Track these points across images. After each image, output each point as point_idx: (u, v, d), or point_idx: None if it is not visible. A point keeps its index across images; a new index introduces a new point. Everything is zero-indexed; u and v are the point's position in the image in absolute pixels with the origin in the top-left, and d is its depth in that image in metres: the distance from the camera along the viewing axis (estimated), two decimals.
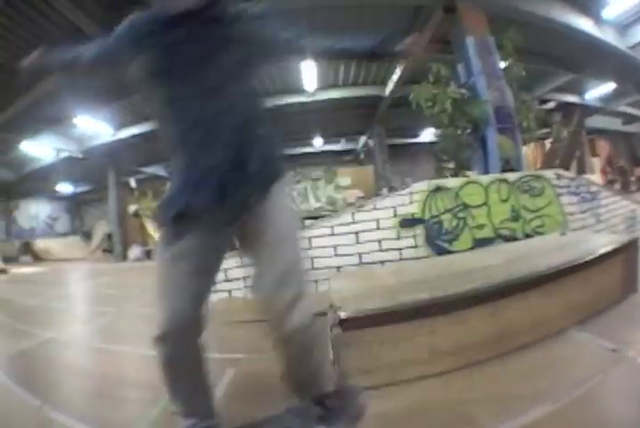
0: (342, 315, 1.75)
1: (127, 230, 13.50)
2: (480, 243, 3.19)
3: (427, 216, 3.10)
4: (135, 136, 9.57)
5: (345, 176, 15.12)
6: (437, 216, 3.11)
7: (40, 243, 16.08)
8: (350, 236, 3.18)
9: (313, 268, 3.18)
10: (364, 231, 3.17)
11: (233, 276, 3.28)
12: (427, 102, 4.09)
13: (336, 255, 3.20)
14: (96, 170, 12.59)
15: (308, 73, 6.77)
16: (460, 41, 4.47)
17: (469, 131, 4.19)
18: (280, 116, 9.36)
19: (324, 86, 7.95)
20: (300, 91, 7.96)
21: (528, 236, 3.29)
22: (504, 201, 3.31)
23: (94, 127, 8.75)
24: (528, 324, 1.91)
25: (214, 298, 3.24)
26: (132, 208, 15.20)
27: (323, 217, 3.76)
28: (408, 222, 3.10)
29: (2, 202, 16.48)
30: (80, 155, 10.67)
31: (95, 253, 15.24)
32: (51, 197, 18.36)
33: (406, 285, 2.14)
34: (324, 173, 15.01)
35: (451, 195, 3.18)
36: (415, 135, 13.74)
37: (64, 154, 10.54)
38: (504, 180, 3.40)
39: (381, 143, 11.97)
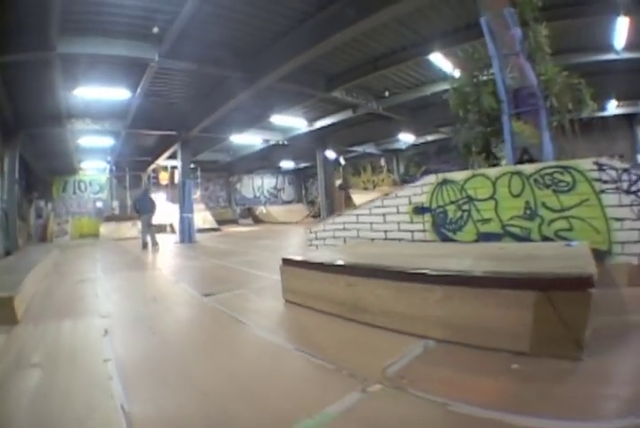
0: (286, 258, 3.03)
1: (332, 200, 16.52)
2: (486, 238, 3.24)
3: (434, 205, 3.60)
4: (329, 126, 12.00)
5: None
6: (442, 206, 3.53)
7: (262, 209, 20.58)
8: (380, 217, 4.07)
9: (358, 237, 4.31)
10: (389, 213, 3.99)
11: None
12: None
13: (371, 230, 4.17)
14: (309, 151, 16.04)
15: (620, 29, 6.20)
16: (480, 22, 3.80)
17: (484, 123, 3.79)
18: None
19: (633, 44, 6.88)
20: (607, 49, 7.13)
21: (546, 239, 2.96)
22: (516, 196, 3.09)
23: (291, 121, 11.46)
24: (378, 308, 2.22)
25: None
26: (338, 182, 18.42)
27: None
28: (419, 210, 3.71)
29: (223, 177, 22.24)
30: (285, 142, 14.04)
31: (308, 218, 19.30)
32: (275, 172, 23.64)
33: (357, 255, 3.08)
34: None
35: (456, 188, 3.41)
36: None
37: (272, 142, 14.10)
38: (518, 172, 3.09)
39: None
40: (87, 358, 1.98)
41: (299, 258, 3.01)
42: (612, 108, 10.91)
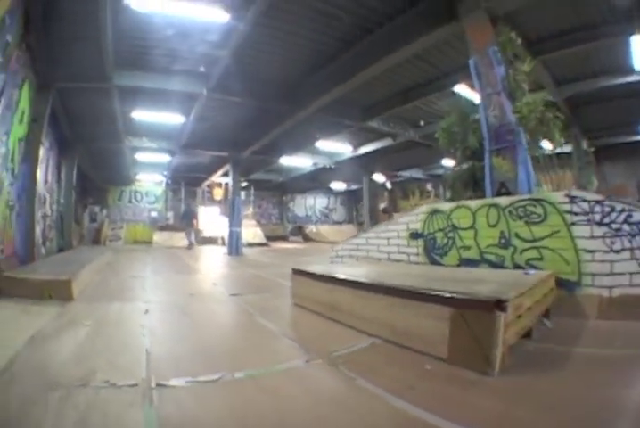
0: (294, 268, 3.69)
1: (377, 221, 17.00)
2: (466, 263, 3.63)
3: (426, 232, 4.10)
4: (373, 152, 12.70)
5: None
6: (432, 233, 4.03)
7: (312, 228, 21.27)
8: (385, 240, 4.63)
9: (368, 256, 4.87)
10: (391, 237, 4.54)
11: None
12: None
13: (378, 251, 4.74)
14: (358, 174, 16.72)
15: (637, 49, 6.13)
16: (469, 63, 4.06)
17: (470, 159, 4.09)
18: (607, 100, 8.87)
19: None
20: (629, 71, 6.97)
21: (518, 267, 3.18)
22: (493, 226, 3.39)
23: (336, 147, 12.31)
24: (348, 310, 2.73)
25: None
26: (382, 205, 18.91)
27: None
28: (414, 235, 4.23)
29: (276, 196, 23.54)
30: (332, 166, 14.98)
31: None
32: (327, 192, 24.46)
33: (349, 270, 3.67)
34: None
35: (444, 217, 3.88)
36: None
37: (320, 165, 15.08)
38: (494, 205, 3.41)
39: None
40: (128, 323, 2.81)
41: (302, 268, 3.64)
42: None
